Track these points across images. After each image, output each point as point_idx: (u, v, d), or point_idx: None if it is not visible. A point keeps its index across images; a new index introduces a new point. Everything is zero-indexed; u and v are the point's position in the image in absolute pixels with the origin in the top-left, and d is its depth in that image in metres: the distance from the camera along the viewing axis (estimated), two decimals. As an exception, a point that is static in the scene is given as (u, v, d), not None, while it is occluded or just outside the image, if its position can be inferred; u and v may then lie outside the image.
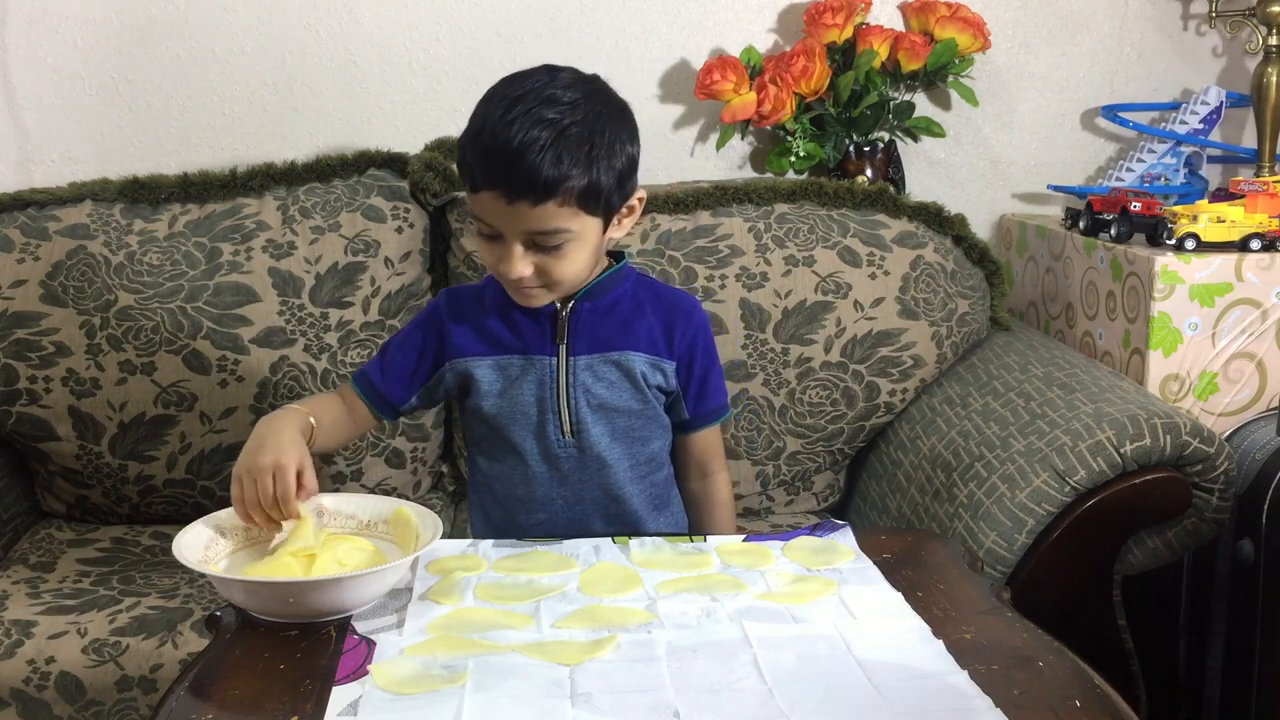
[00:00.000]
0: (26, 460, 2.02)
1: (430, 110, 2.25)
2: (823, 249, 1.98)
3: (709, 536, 1.37)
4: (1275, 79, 2.18)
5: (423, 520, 1.26)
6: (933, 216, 2.04)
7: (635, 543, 1.33)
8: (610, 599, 1.19)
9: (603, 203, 1.32)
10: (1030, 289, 2.26)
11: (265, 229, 1.99)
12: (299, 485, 1.27)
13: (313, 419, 1.36)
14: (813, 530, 1.38)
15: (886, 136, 2.26)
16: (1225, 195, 2.04)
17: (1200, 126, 2.25)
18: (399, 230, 2.01)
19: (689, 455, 1.52)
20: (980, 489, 1.66)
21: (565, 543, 1.34)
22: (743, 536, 1.37)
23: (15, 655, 1.55)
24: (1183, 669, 1.89)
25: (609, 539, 1.35)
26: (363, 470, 2.00)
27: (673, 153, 2.31)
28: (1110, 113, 2.34)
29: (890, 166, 2.25)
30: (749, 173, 2.34)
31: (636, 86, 2.28)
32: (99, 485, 1.97)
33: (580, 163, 1.28)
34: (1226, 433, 1.84)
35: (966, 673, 1.03)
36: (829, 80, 2.17)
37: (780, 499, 2.03)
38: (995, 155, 2.39)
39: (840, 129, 2.21)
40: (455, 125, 2.20)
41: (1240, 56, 2.35)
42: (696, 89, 2.20)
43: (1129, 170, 2.27)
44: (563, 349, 1.41)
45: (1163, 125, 2.31)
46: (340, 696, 1.01)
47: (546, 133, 1.26)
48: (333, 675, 1.04)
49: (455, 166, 2.03)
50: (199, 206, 2.01)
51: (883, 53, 2.18)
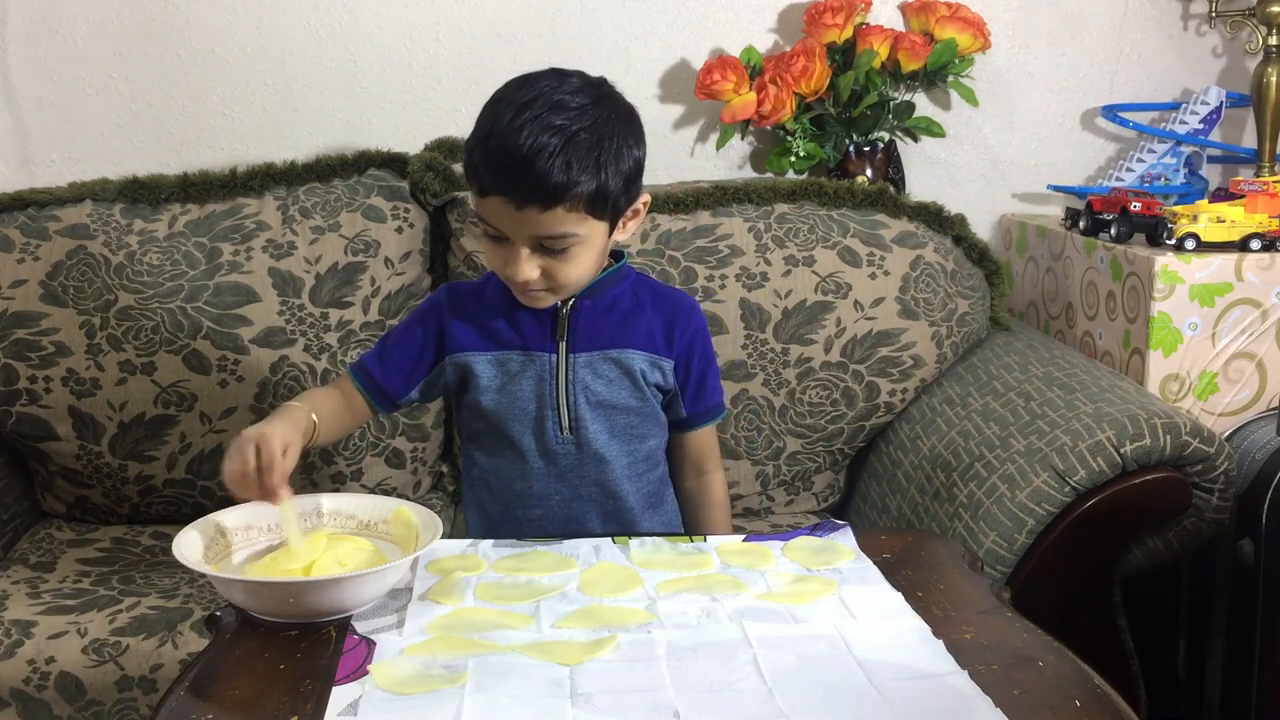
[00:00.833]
0: (26, 460, 2.02)
1: (430, 110, 2.26)
2: (823, 249, 1.98)
3: (709, 536, 1.37)
4: (1275, 79, 2.18)
5: (423, 520, 1.26)
6: (933, 216, 2.04)
7: (635, 543, 1.33)
8: (610, 599, 1.19)
9: (610, 207, 1.33)
10: (1030, 289, 2.26)
11: (265, 229, 1.99)
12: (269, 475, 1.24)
13: (315, 415, 1.36)
14: (813, 530, 1.38)
15: (886, 136, 2.26)
16: (1225, 195, 2.04)
17: (1200, 126, 2.25)
18: (399, 230, 2.01)
19: (685, 454, 1.52)
20: (980, 489, 1.66)
21: (565, 543, 1.34)
22: (743, 536, 1.37)
23: (15, 655, 1.55)
24: (1183, 669, 1.89)
25: (609, 539, 1.35)
26: (363, 470, 2.00)
27: (673, 153, 2.31)
28: (1110, 113, 2.34)
29: (890, 166, 2.25)
30: (749, 173, 2.34)
31: (636, 86, 2.28)
32: (99, 485, 1.97)
33: (589, 168, 1.28)
34: (1226, 433, 1.84)
35: (966, 673, 1.03)
36: (829, 80, 2.17)
37: (780, 499, 2.03)
38: (995, 155, 2.39)
39: (840, 129, 2.21)
40: (455, 125, 2.22)
41: (1240, 56, 2.35)
42: (696, 89, 2.20)
43: (1129, 170, 2.27)
44: (563, 346, 1.41)
45: (1163, 125, 2.31)
46: (340, 696, 1.01)
47: (555, 139, 1.26)
48: (333, 675, 1.04)
49: (456, 167, 2.05)
50: (199, 206, 2.01)
51: (883, 53, 2.19)
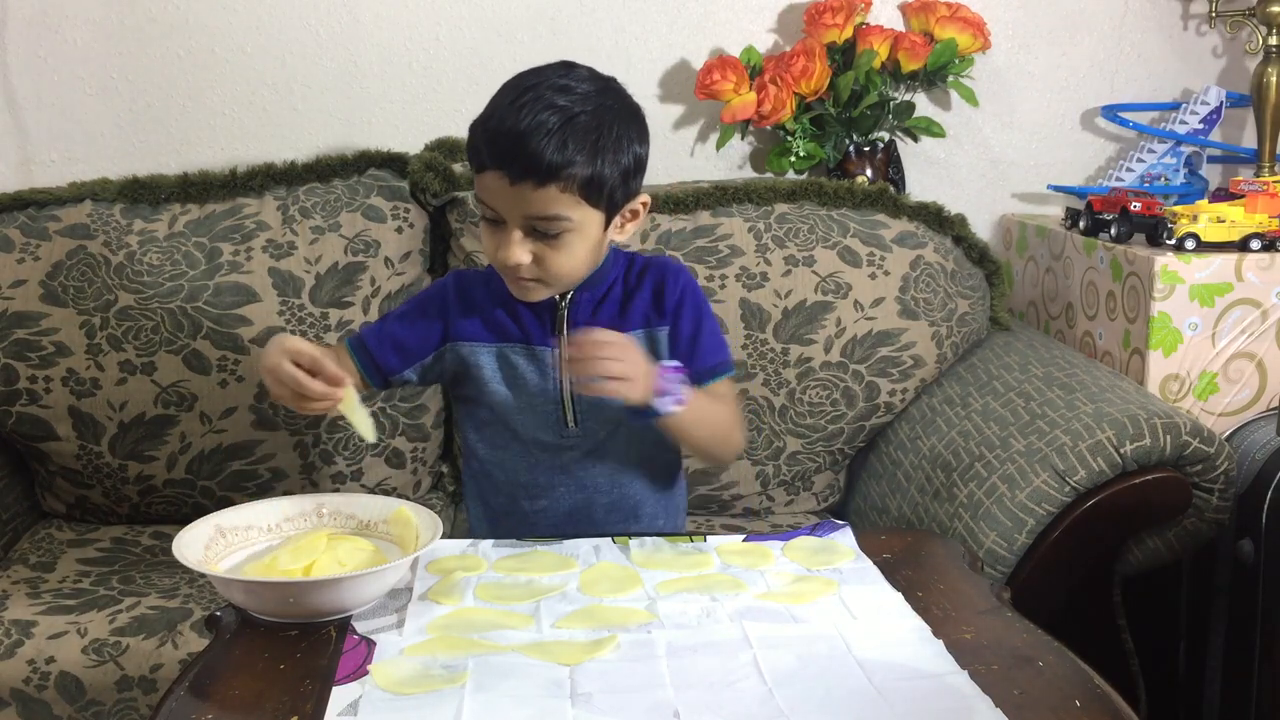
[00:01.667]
0: (26, 460, 2.02)
1: (430, 110, 2.25)
2: (823, 249, 1.98)
3: (709, 536, 1.37)
4: (1275, 79, 2.18)
5: (423, 520, 1.26)
6: (933, 216, 2.04)
7: (635, 543, 1.34)
8: (610, 599, 1.20)
9: (605, 196, 1.33)
10: (1030, 289, 2.27)
11: (265, 229, 1.99)
12: (321, 369, 1.28)
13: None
14: (813, 530, 1.38)
15: (886, 136, 2.26)
16: (1225, 195, 2.04)
17: (1200, 126, 2.25)
18: (399, 230, 2.01)
19: None
20: (980, 489, 1.66)
21: (565, 543, 1.34)
22: (742, 536, 1.37)
23: (15, 655, 1.55)
24: (1183, 669, 1.89)
25: (609, 539, 1.35)
26: (363, 470, 2.00)
27: (673, 153, 2.31)
28: (1110, 113, 2.34)
29: (890, 166, 2.25)
30: (749, 173, 2.34)
31: (636, 86, 2.24)
32: (99, 485, 1.97)
33: (585, 150, 1.29)
34: (1226, 433, 1.84)
35: (966, 673, 1.03)
36: (829, 80, 2.17)
37: (780, 499, 2.03)
38: (995, 155, 2.39)
39: (840, 129, 2.21)
40: (455, 125, 2.22)
41: (1240, 56, 2.35)
42: (696, 89, 2.20)
43: (1129, 170, 2.27)
44: (563, 340, 1.41)
45: (1163, 125, 2.31)
46: (340, 696, 1.01)
47: (555, 118, 1.27)
48: (333, 675, 1.05)
49: (456, 167, 2.05)
50: (199, 206, 2.01)
51: (883, 53, 2.18)
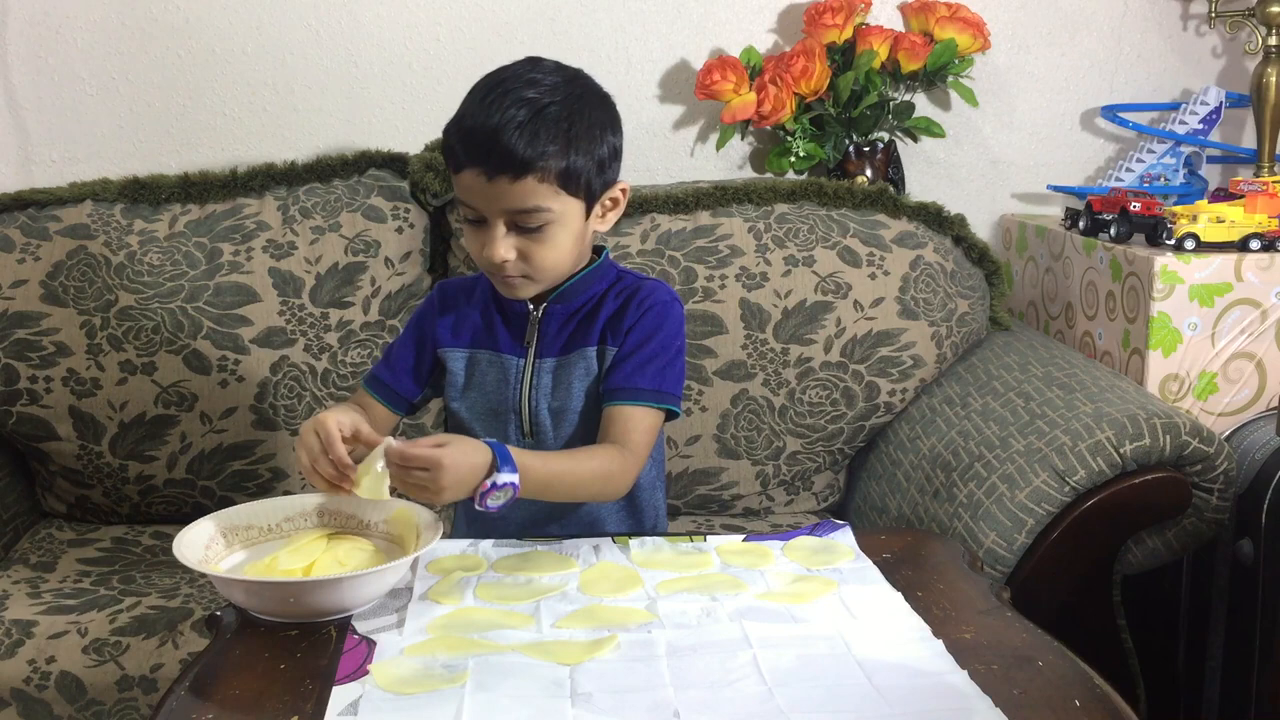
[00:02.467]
0: (27, 460, 2.02)
1: (430, 110, 2.25)
2: (823, 249, 1.98)
3: (709, 536, 1.37)
4: (1275, 79, 2.18)
5: (423, 520, 1.26)
6: (933, 216, 2.04)
7: (635, 542, 1.34)
8: (610, 599, 1.20)
9: (583, 185, 1.33)
10: (1030, 289, 2.27)
11: (265, 229, 1.99)
12: (356, 437, 1.27)
13: (353, 408, 1.38)
14: (813, 530, 1.38)
15: (886, 136, 2.26)
16: (1225, 195, 2.04)
17: (1200, 126, 2.25)
18: (399, 230, 2.01)
19: (603, 430, 1.38)
20: (980, 489, 1.66)
21: (565, 542, 1.34)
22: (742, 536, 1.37)
23: (15, 655, 1.55)
24: (1183, 669, 1.89)
25: (609, 539, 1.35)
26: (363, 470, 2.00)
27: (673, 153, 2.31)
28: (1110, 113, 2.34)
29: (890, 166, 2.25)
30: (749, 173, 2.34)
31: (636, 86, 2.28)
32: (99, 485, 1.97)
33: (558, 139, 1.29)
34: (1226, 433, 1.84)
35: (966, 672, 1.03)
36: (829, 80, 2.17)
37: (780, 499, 2.03)
38: (995, 155, 2.39)
39: (840, 129, 2.22)
40: (455, 125, 2.22)
41: (1240, 56, 2.35)
42: (696, 89, 2.20)
43: (1129, 170, 2.27)
44: (531, 351, 1.42)
45: (1162, 125, 2.31)
46: (340, 696, 1.01)
47: (525, 111, 1.28)
48: (333, 675, 1.05)
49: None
50: (199, 206, 2.01)
51: (882, 53, 2.19)
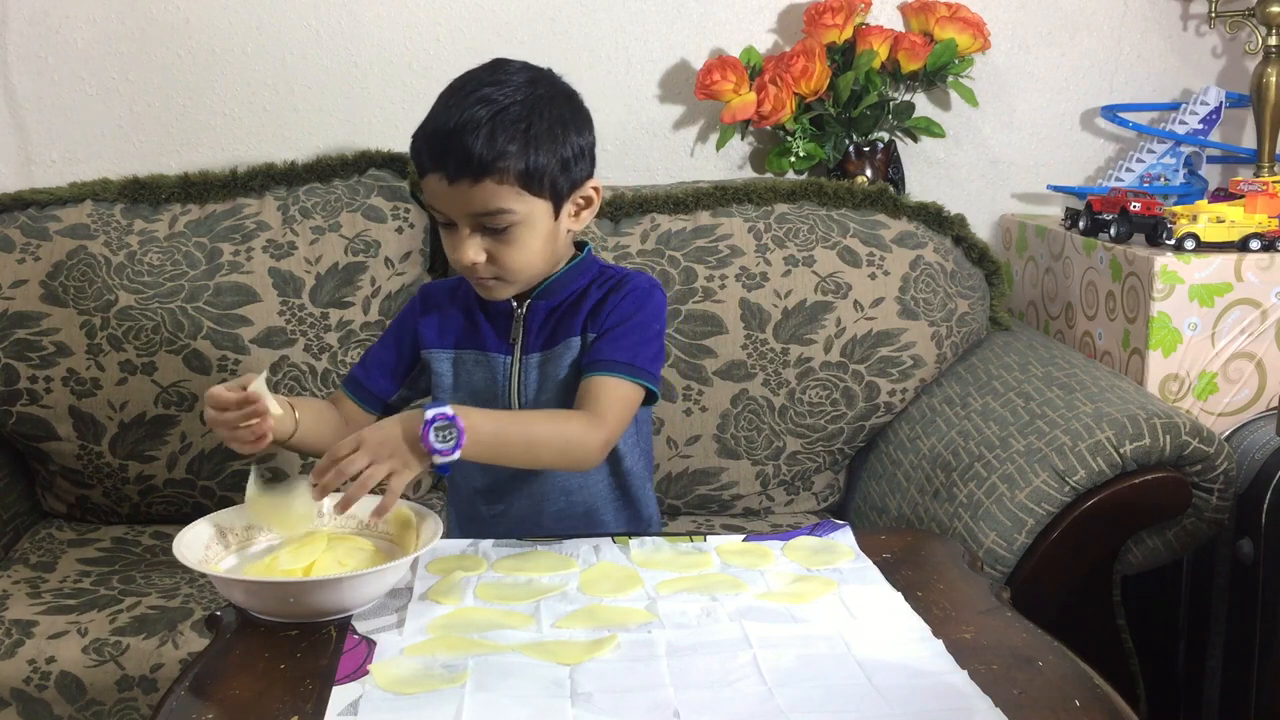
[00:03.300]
0: (27, 460, 2.02)
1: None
2: (823, 249, 1.98)
3: (709, 536, 1.37)
4: (1275, 79, 2.18)
5: (423, 520, 1.26)
6: (933, 216, 2.04)
7: (635, 542, 1.34)
8: (610, 599, 1.20)
9: (547, 185, 1.32)
10: (1030, 289, 2.27)
11: (265, 229, 1.99)
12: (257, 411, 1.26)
13: (291, 402, 1.35)
14: (813, 530, 1.38)
15: (886, 136, 2.26)
16: (1225, 195, 2.04)
17: (1200, 126, 2.25)
18: (399, 230, 2.01)
19: (576, 402, 1.37)
20: (980, 489, 1.66)
21: (565, 543, 1.34)
22: (742, 536, 1.37)
23: (15, 655, 1.55)
24: (1183, 669, 1.89)
25: (609, 539, 1.35)
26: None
27: (673, 153, 2.31)
28: (1110, 113, 2.34)
29: (890, 166, 2.25)
30: (749, 173, 2.34)
31: (636, 86, 2.28)
32: (99, 485, 1.97)
33: (516, 140, 1.29)
34: (1226, 433, 1.84)
35: (966, 672, 1.03)
36: (829, 80, 2.17)
37: (780, 499, 2.03)
38: (995, 155, 2.39)
39: (840, 129, 2.22)
40: (455, 125, 2.22)
41: (1240, 56, 2.35)
42: (696, 89, 2.20)
43: (1129, 170, 2.27)
44: (517, 348, 1.42)
45: (1162, 125, 2.31)
46: (340, 696, 1.01)
47: (483, 111, 1.28)
48: (333, 675, 1.05)
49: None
50: (199, 206, 2.01)
51: (882, 53, 2.19)
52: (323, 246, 1.98)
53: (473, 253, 1.33)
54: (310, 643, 1.11)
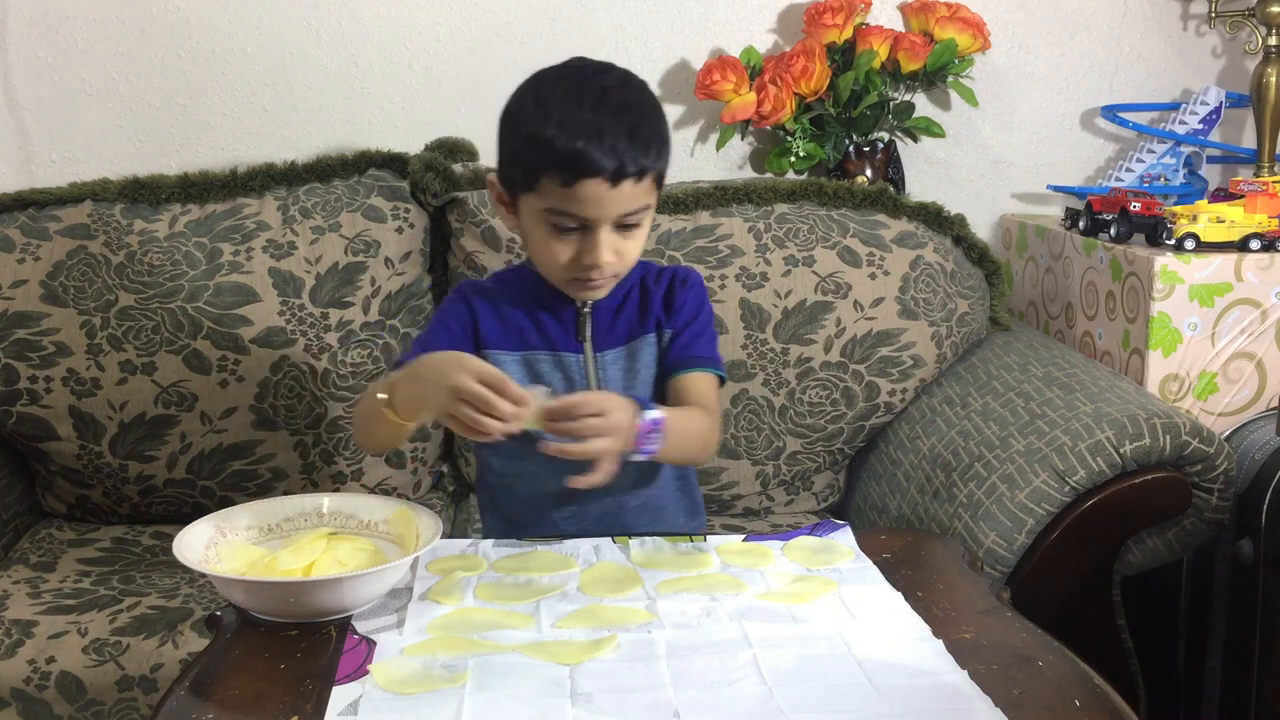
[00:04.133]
0: (27, 460, 2.02)
1: (430, 110, 2.26)
2: (823, 249, 1.98)
3: (709, 536, 1.37)
4: (1275, 79, 2.18)
5: (423, 520, 1.26)
6: (932, 216, 2.04)
7: (635, 542, 1.34)
8: (610, 599, 1.20)
9: (662, 180, 1.37)
10: (1030, 289, 2.27)
11: (265, 229, 1.99)
12: (506, 389, 1.19)
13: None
14: (813, 530, 1.38)
15: (886, 136, 2.26)
16: (1225, 195, 2.04)
17: (1200, 127, 2.25)
18: (399, 230, 2.01)
19: (681, 399, 1.41)
20: (980, 489, 1.66)
21: (565, 543, 1.34)
22: (743, 536, 1.37)
23: (15, 655, 1.55)
24: (1183, 669, 1.89)
25: (609, 539, 1.35)
26: (363, 470, 2.00)
27: (673, 153, 2.29)
28: (1110, 113, 2.34)
29: (890, 166, 2.25)
30: (749, 173, 2.34)
31: (636, 86, 2.28)
32: (99, 485, 1.97)
33: (660, 136, 1.34)
34: (1226, 433, 1.84)
35: (966, 672, 1.03)
36: (829, 80, 2.17)
37: (780, 499, 2.03)
38: (995, 155, 2.39)
39: (840, 129, 2.22)
40: (455, 125, 2.22)
41: (1240, 56, 2.35)
42: (696, 89, 2.20)
43: (1129, 170, 2.27)
44: (588, 346, 1.41)
45: (1162, 125, 2.31)
46: (340, 696, 1.01)
47: (633, 113, 1.30)
48: (333, 675, 1.05)
49: (456, 167, 2.04)
50: (199, 206, 2.01)
51: (882, 53, 2.19)
52: (323, 246, 1.98)
53: (609, 252, 1.32)
54: (310, 643, 1.11)
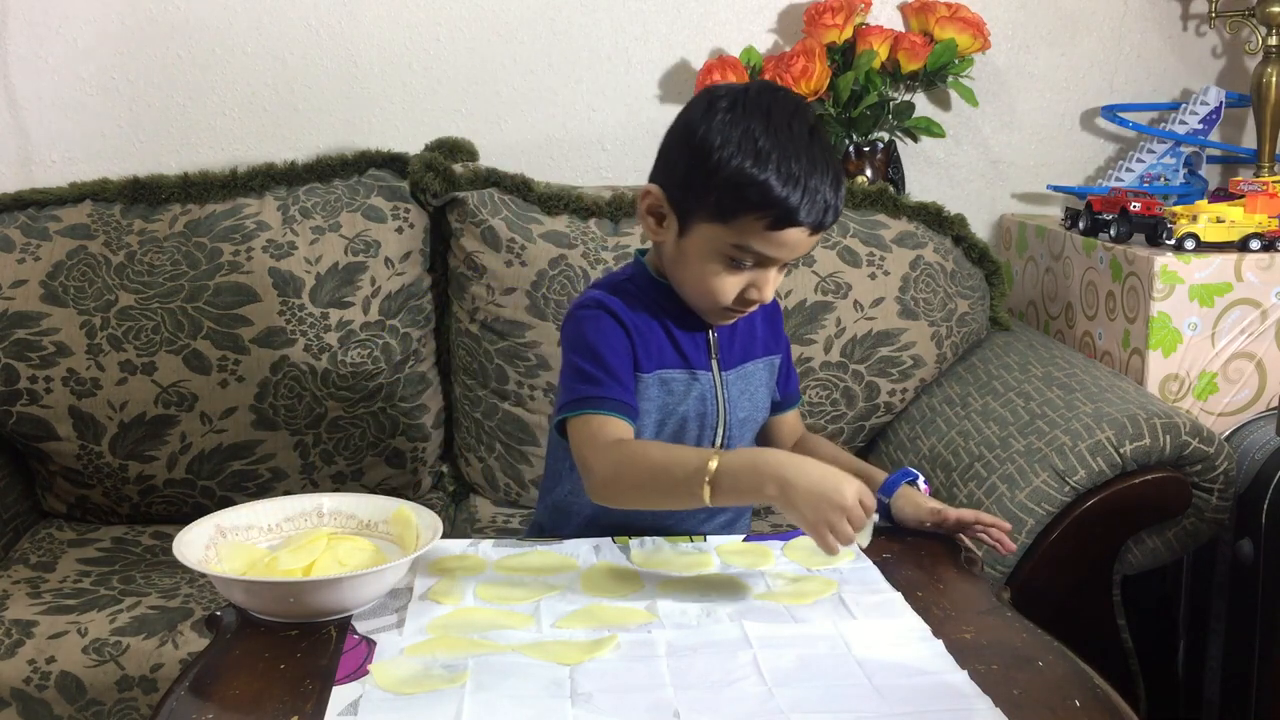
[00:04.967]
0: (27, 460, 2.02)
1: (430, 110, 2.26)
2: (823, 249, 1.98)
3: (709, 536, 1.37)
4: (1275, 79, 2.18)
5: (423, 520, 1.26)
6: (932, 216, 2.04)
7: (635, 542, 1.34)
8: (610, 599, 1.20)
9: None
10: (1030, 289, 2.27)
11: (265, 229, 1.99)
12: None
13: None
14: (813, 530, 1.37)
15: (886, 136, 2.26)
16: (1225, 195, 2.04)
17: (1200, 126, 2.25)
18: (399, 230, 2.01)
19: (782, 438, 1.54)
20: (980, 489, 1.66)
21: (565, 543, 1.34)
22: (742, 536, 1.37)
23: (16, 655, 1.55)
24: (1183, 669, 1.89)
25: (609, 539, 1.35)
26: (363, 470, 2.00)
27: (673, 153, 2.31)
28: (1110, 113, 2.34)
29: (890, 166, 2.25)
30: (749, 173, 2.34)
31: (636, 86, 2.28)
32: (99, 485, 1.97)
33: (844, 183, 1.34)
34: (1226, 433, 1.84)
35: (966, 672, 1.03)
36: (829, 80, 2.17)
37: (780, 499, 2.02)
38: (995, 155, 2.39)
39: (840, 129, 2.21)
40: (455, 125, 2.22)
41: (1240, 56, 2.35)
42: (696, 89, 2.20)
43: (1128, 170, 2.27)
44: (715, 364, 1.42)
45: (1162, 125, 2.32)
46: (340, 696, 1.01)
47: (835, 159, 1.31)
48: (333, 675, 1.05)
49: (456, 167, 2.04)
50: (199, 206, 2.01)
51: (882, 53, 2.19)
52: (323, 246, 1.98)
53: (772, 290, 1.35)
54: (310, 643, 1.11)
